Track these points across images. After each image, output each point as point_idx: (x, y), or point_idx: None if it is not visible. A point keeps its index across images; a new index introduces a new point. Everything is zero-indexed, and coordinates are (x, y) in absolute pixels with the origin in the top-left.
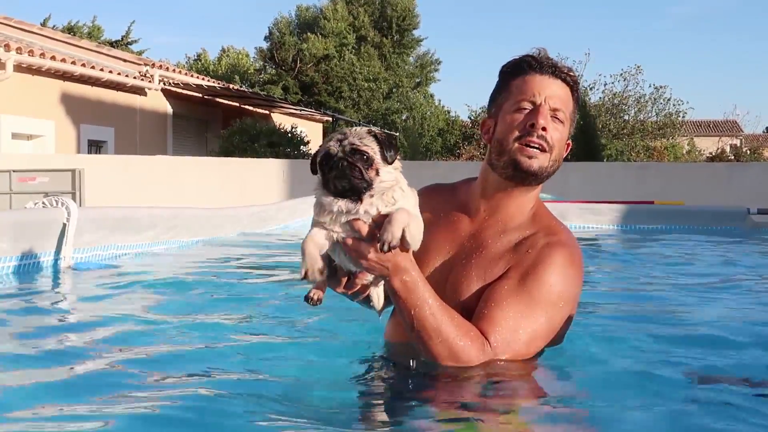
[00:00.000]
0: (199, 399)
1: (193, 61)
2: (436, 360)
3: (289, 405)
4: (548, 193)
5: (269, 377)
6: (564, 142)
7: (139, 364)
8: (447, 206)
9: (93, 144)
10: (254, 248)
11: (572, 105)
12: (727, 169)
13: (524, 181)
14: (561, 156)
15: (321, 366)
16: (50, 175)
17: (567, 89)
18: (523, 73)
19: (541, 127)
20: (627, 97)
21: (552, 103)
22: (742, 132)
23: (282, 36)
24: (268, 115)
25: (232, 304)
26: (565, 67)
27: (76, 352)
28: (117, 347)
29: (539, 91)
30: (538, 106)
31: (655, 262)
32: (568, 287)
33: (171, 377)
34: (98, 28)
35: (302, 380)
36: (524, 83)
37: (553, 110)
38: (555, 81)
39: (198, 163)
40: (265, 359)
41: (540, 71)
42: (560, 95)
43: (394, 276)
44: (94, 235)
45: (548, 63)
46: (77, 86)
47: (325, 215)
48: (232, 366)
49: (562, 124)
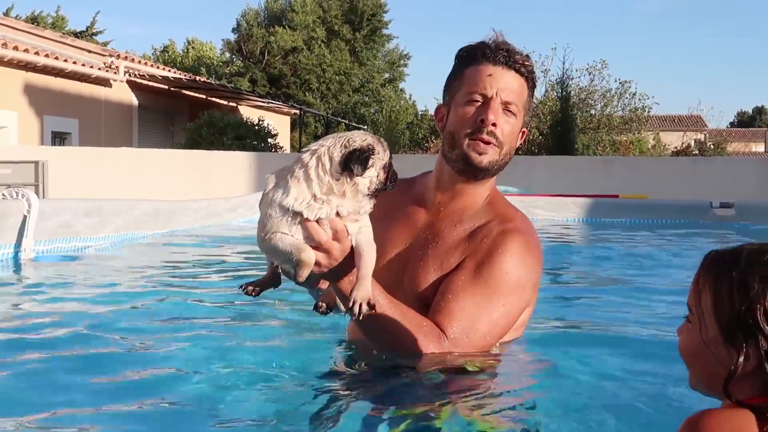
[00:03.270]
0: (158, 393)
1: (159, 52)
2: (392, 355)
3: (248, 405)
4: (514, 186)
5: (232, 370)
6: (516, 135)
7: (97, 358)
8: (404, 199)
9: (57, 136)
10: (216, 242)
11: (526, 95)
12: (690, 164)
13: (475, 176)
14: (512, 148)
15: (282, 363)
16: (12, 166)
17: (521, 80)
18: (477, 61)
19: (491, 123)
20: (593, 91)
21: (504, 96)
22: (706, 127)
23: (250, 28)
24: (236, 107)
25: (193, 297)
26: (520, 57)
27: (32, 345)
28: (75, 341)
29: (491, 84)
30: (489, 100)
31: (618, 255)
32: (526, 274)
33: (129, 371)
34: (62, 19)
35: (261, 380)
36: (477, 73)
37: (504, 103)
38: (508, 72)
39: (163, 155)
40: (227, 353)
41: (493, 61)
42: (513, 87)
43: (342, 277)
44: (55, 228)
45: (503, 53)
46: (41, 77)
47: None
48: (192, 361)
49: (514, 116)
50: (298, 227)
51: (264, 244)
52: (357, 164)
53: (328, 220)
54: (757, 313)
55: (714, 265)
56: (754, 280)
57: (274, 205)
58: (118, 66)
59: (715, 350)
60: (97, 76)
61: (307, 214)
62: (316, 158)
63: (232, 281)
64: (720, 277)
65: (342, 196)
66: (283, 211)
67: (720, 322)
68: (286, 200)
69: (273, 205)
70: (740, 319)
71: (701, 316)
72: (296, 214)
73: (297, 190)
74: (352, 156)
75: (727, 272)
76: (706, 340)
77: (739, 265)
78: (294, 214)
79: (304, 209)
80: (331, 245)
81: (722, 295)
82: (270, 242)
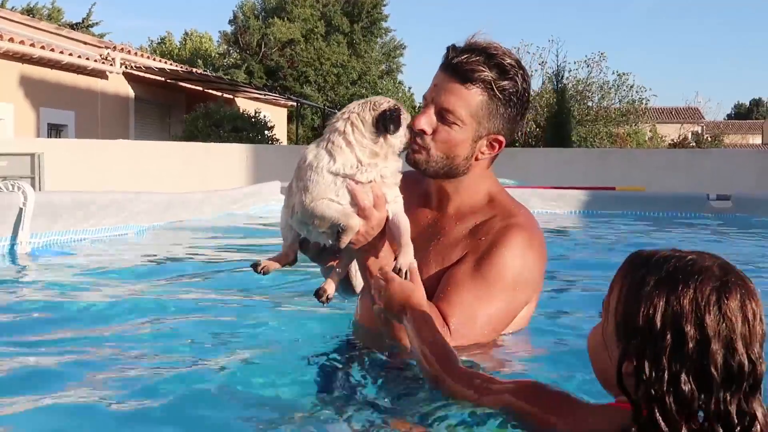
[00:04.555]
0: (157, 389)
1: (156, 44)
2: (397, 336)
3: (252, 390)
4: (510, 178)
5: (234, 359)
6: (462, 143)
7: (93, 351)
8: (411, 196)
9: (53, 128)
10: (212, 233)
11: (477, 102)
12: (687, 156)
13: (420, 173)
14: (456, 156)
15: (287, 345)
16: (8, 159)
17: (470, 88)
18: (440, 65)
19: (417, 129)
20: (591, 83)
21: (440, 103)
22: (703, 119)
23: (247, 20)
24: (232, 99)
25: (193, 288)
26: (477, 62)
27: (28, 338)
28: (71, 334)
29: (430, 92)
30: (424, 107)
31: (614, 247)
32: (527, 270)
33: (125, 365)
34: (58, 10)
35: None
36: (434, 77)
37: (442, 110)
38: (451, 80)
39: (159, 147)
40: (230, 340)
41: (444, 68)
42: (453, 95)
43: (370, 249)
44: (51, 220)
45: (459, 58)
46: (37, 69)
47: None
48: (193, 352)
49: (455, 125)
50: (345, 192)
51: (309, 210)
52: (390, 123)
53: (370, 187)
54: (639, 315)
55: (627, 265)
56: (649, 283)
57: (321, 172)
58: (115, 58)
59: (610, 347)
60: (93, 68)
61: (358, 177)
62: (350, 124)
63: (232, 274)
64: (626, 276)
65: (384, 158)
66: (331, 177)
67: (616, 319)
68: (334, 167)
69: (321, 171)
70: (628, 319)
71: (606, 312)
72: (344, 179)
73: (342, 156)
74: (384, 116)
75: (633, 273)
76: (605, 336)
77: (646, 267)
78: (343, 179)
79: (354, 173)
80: (371, 212)
81: (623, 294)
82: (317, 209)
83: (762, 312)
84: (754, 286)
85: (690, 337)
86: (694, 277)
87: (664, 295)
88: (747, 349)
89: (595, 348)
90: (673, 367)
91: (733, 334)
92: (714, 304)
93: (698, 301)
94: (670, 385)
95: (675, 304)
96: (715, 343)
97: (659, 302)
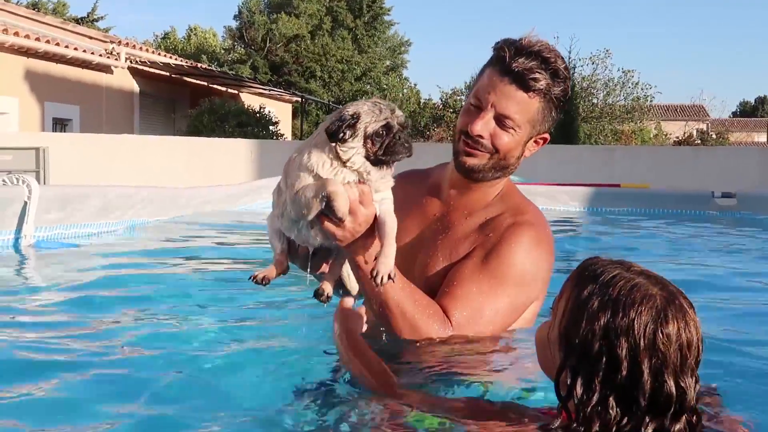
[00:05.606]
0: (155, 384)
1: (161, 39)
2: (397, 334)
3: (252, 389)
4: (516, 175)
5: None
6: (517, 146)
7: (96, 344)
8: (419, 191)
9: (58, 122)
10: (215, 228)
11: (535, 108)
12: (692, 153)
13: (467, 176)
14: (511, 157)
15: (286, 341)
16: (13, 153)
17: (528, 95)
18: (492, 65)
19: (476, 134)
20: (596, 80)
21: (501, 110)
22: (708, 117)
23: (252, 15)
24: (237, 94)
25: (196, 284)
26: (536, 67)
27: (31, 331)
28: (74, 327)
29: (488, 96)
30: (482, 112)
31: (619, 244)
32: (534, 267)
33: (127, 359)
34: (63, 5)
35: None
36: (485, 78)
37: (501, 116)
38: (511, 86)
39: (164, 142)
40: (230, 338)
41: (503, 71)
42: (514, 102)
43: (361, 247)
44: (56, 214)
45: (519, 63)
46: (42, 63)
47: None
48: (193, 347)
49: (512, 130)
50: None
51: (296, 201)
52: (342, 132)
53: (355, 183)
54: (578, 335)
55: (578, 275)
56: (593, 304)
57: (302, 168)
58: (120, 52)
59: (553, 350)
60: (98, 63)
61: (324, 176)
62: (321, 127)
63: (235, 271)
64: (575, 288)
65: (343, 163)
66: (308, 172)
67: (560, 330)
68: (309, 163)
69: (301, 168)
70: (570, 335)
71: (555, 315)
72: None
73: (316, 155)
74: (336, 125)
75: (581, 286)
76: (550, 338)
77: (594, 283)
78: (317, 175)
79: (322, 172)
80: (357, 207)
81: (568, 307)
82: (300, 193)
83: (700, 337)
84: (694, 314)
85: (623, 366)
86: (635, 306)
87: (604, 319)
88: (678, 378)
89: (542, 344)
90: (603, 390)
91: (665, 366)
92: (650, 336)
93: (635, 332)
94: (597, 406)
95: (612, 332)
96: (647, 373)
97: (598, 327)
